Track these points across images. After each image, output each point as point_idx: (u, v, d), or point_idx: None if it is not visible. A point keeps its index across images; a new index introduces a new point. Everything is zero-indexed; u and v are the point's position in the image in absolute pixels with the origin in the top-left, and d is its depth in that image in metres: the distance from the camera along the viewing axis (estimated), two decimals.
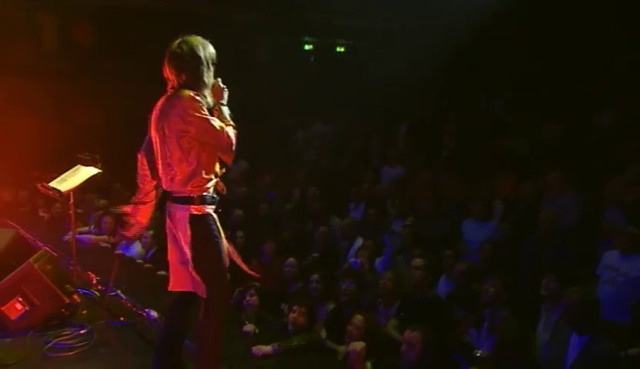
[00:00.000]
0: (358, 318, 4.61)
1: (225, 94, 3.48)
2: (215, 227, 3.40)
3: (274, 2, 14.76)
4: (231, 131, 3.36)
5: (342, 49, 15.88)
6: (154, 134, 3.42)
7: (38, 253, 4.89)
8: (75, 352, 4.24)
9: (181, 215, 3.36)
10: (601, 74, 8.43)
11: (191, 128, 3.25)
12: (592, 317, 4.01)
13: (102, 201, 8.22)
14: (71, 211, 5.44)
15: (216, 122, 3.30)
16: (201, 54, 3.34)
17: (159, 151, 3.40)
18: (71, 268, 5.49)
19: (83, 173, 5.34)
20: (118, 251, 6.62)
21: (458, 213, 7.49)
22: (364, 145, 10.58)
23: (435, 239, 7.00)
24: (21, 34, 12.82)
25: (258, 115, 13.02)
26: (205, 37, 3.46)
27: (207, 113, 3.29)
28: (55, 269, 4.91)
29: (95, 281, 5.59)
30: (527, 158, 8.30)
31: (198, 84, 3.33)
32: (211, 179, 3.40)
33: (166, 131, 3.31)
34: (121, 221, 7.25)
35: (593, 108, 8.26)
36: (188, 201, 3.34)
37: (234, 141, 3.37)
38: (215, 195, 3.44)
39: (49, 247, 6.48)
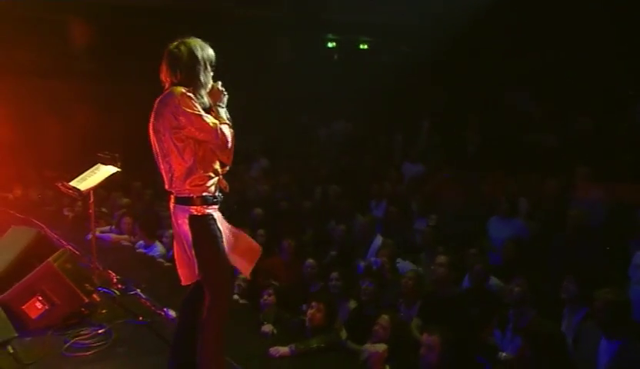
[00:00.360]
0: (385, 318, 4.46)
1: (225, 98, 3.40)
2: (215, 227, 3.31)
3: (296, 0, 14.66)
4: (226, 129, 3.26)
5: (365, 46, 15.69)
6: (151, 135, 3.33)
7: (58, 252, 4.85)
8: (92, 352, 4.17)
9: (181, 216, 3.30)
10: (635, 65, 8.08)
11: (182, 124, 3.16)
12: (624, 320, 3.79)
13: (125, 200, 8.19)
14: (90, 210, 5.39)
15: (209, 119, 3.22)
16: (199, 54, 3.26)
17: (158, 152, 3.32)
18: (92, 267, 5.44)
19: (102, 172, 5.28)
20: (139, 250, 6.56)
21: (483, 210, 7.27)
22: (386, 142, 10.39)
23: (459, 237, 6.80)
24: (47, 35, 12.88)
25: (280, 113, 12.97)
26: (229, 35, 3.38)
27: (200, 109, 3.20)
28: (75, 268, 4.85)
29: (115, 280, 5.52)
30: (555, 153, 8.04)
31: (193, 83, 3.25)
32: (210, 177, 3.30)
33: (161, 129, 3.23)
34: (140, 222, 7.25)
35: (626, 100, 7.94)
36: (188, 201, 3.27)
37: (229, 139, 3.27)
38: (217, 195, 3.35)
39: (72, 246, 6.53)
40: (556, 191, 6.93)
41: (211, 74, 3.38)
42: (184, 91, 3.19)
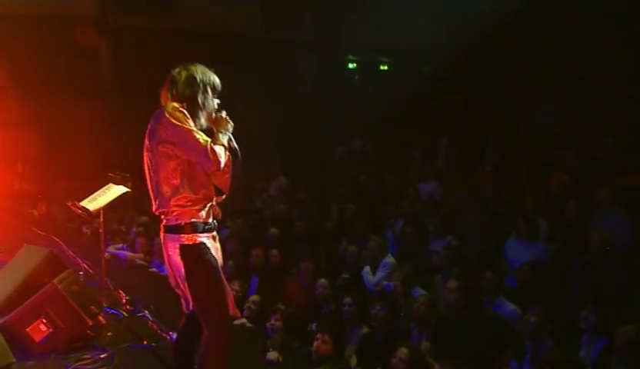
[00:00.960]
0: (403, 351, 4.17)
1: (230, 127, 3.19)
2: (209, 256, 3.10)
3: (319, 22, 14.62)
4: (219, 150, 3.03)
5: (386, 67, 15.52)
6: (144, 152, 3.16)
7: (64, 273, 4.69)
8: None
9: (172, 246, 3.10)
10: None
11: (170, 137, 2.99)
12: None
13: (143, 218, 8.06)
14: (101, 230, 5.26)
15: (200, 135, 3.02)
16: (197, 77, 3.15)
17: (148, 169, 3.16)
18: (102, 286, 5.28)
19: (112, 192, 5.14)
20: (152, 269, 6.40)
21: (501, 230, 6.94)
22: (405, 161, 10.12)
23: (476, 258, 6.48)
24: (82, 57, 13.02)
25: (300, 132, 12.84)
26: (252, 56, 3.20)
27: (190, 124, 3.02)
28: (81, 289, 4.68)
29: (124, 301, 5.35)
30: (575, 173, 7.68)
31: (188, 101, 3.10)
32: (200, 200, 3.09)
33: (151, 144, 3.08)
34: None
35: None
36: (178, 229, 3.07)
37: (221, 160, 3.03)
38: (209, 222, 3.15)
39: (87, 264, 6.41)
40: (577, 211, 6.58)
41: (215, 100, 3.22)
42: (176, 105, 3.06)
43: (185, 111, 3.04)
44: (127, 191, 5.12)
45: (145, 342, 4.55)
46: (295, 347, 4.75)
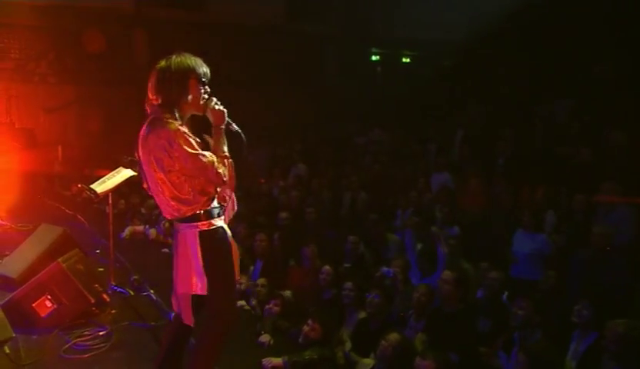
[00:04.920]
0: (395, 336, 4.01)
1: (225, 116, 3.03)
2: (227, 241, 3.02)
3: (343, 16, 14.41)
4: (222, 169, 2.89)
5: (408, 60, 15.17)
6: (143, 159, 2.99)
7: (70, 252, 4.67)
8: (89, 354, 3.93)
9: (190, 234, 2.97)
10: None
11: (176, 164, 2.83)
12: (636, 356, 3.20)
13: None
14: (109, 211, 5.20)
15: (206, 157, 2.86)
16: (186, 75, 2.93)
17: (149, 184, 3.03)
18: (110, 265, 5.24)
19: (121, 175, 5.09)
20: (165, 250, 6.35)
21: (508, 223, 6.65)
22: (421, 152, 9.83)
23: (482, 249, 6.22)
24: (118, 47, 13.09)
25: (321, 122, 12.68)
26: (278, 48, 3.01)
27: (195, 146, 2.85)
28: (86, 268, 4.65)
29: (132, 279, 5.30)
30: (589, 168, 7.30)
31: (180, 101, 2.93)
32: (208, 198, 2.98)
33: (152, 162, 2.90)
34: None
35: None
36: (194, 218, 2.95)
37: (225, 175, 2.91)
38: (221, 205, 3.04)
39: (104, 242, 6.39)
40: (585, 205, 6.25)
41: (206, 88, 3.03)
42: (178, 126, 2.84)
43: (186, 130, 2.86)
44: (134, 175, 5.05)
45: (146, 322, 4.48)
46: (285, 327, 4.60)
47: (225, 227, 3.06)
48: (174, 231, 3.12)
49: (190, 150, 2.80)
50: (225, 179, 2.91)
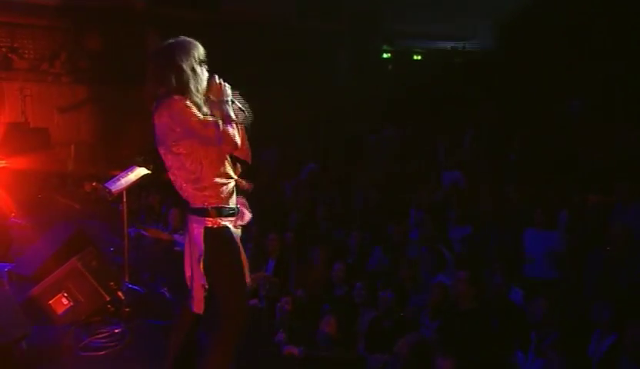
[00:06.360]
0: (411, 336, 3.97)
1: (227, 90, 2.96)
2: (233, 241, 2.96)
3: (355, 14, 14.38)
4: (229, 129, 2.83)
5: (419, 57, 15.09)
6: (157, 142, 2.97)
7: (86, 250, 4.67)
8: (103, 352, 3.93)
9: (197, 226, 2.94)
10: None
11: (181, 134, 2.81)
12: None
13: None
14: (123, 209, 5.18)
15: (211, 117, 2.84)
16: (184, 62, 2.87)
17: (168, 165, 2.98)
18: (125, 263, 5.23)
19: (134, 174, 5.07)
20: (177, 249, 6.34)
21: (520, 221, 6.58)
22: (432, 150, 9.77)
23: (495, 248, 6.16)
24: (131, 47, 13.14)
25: (333, 119, 12.64)
26: (290, 45, 2.95)
27: (197, 114, 2.82)
28: (101, 266, 4.66)
29: (146, 277, 5.30)
30: (601, 166, 7.21)
31: (185, 88, 2.87)
32: (222, 184, 2.93)
33: (163, 141, 2.89)
34: None
35: None
36: (203, 213, 2.92)
37: (231, 133, 2.83)
38: (233, 207, 2.98)
39: (117, 239, 6.40)
40: (599, 204, 6.17)
41: (205, 69, 2.96)
42: (180, 98, 2.82)
43: (189, 102, 2.84)
44: (147, 173, 5.06)
45: (160, 319, 4.48)
46: (301, 328, 4.59)
47: (233, 228, 2.98)
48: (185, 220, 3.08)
49: (193, 110, 2.81)
50: (236, 141, 2.85)
